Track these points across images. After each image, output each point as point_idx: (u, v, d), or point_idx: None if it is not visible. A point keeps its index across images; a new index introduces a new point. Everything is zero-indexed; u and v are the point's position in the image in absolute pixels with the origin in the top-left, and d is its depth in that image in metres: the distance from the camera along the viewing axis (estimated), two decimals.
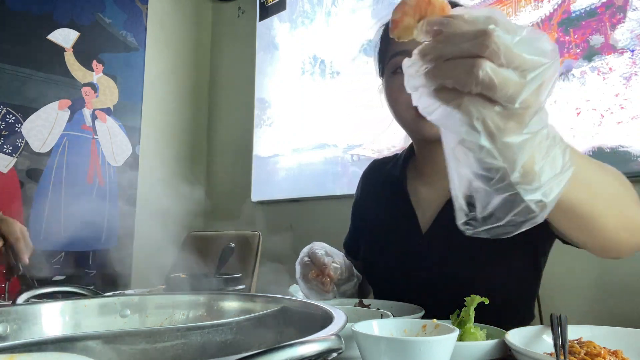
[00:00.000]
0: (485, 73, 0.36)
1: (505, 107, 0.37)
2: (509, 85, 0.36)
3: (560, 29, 1.56)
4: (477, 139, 0.38)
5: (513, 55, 0.36)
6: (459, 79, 0.37)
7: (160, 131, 2.85)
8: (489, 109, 0.37)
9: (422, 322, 0.57)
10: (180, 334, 0.50)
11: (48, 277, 2.27)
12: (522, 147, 0.38)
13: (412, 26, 0.42)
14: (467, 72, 0.36)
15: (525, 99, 0.37)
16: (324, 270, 0.87)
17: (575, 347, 0.56)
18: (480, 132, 0.37)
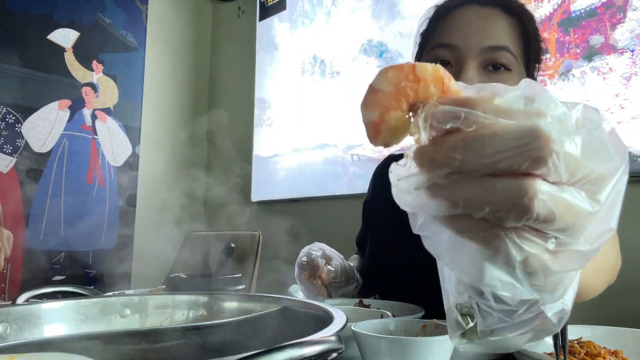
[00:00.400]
0: (543, 203, 0.22)
1: (562, 243, 0.24)
2: (573, 215, 0.23)
3: (560, 29, 1.56)
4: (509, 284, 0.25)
5: (578, 167, 0.23)
6: (495, 209, 0.23)
7: (160, 131, 2.85)
8: (536, 247, 0.23)
9: (422, 322, 0.57)
10: (180, 334, 0.50)
11: (48, 277, 2.28)
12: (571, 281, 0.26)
13: (403, 121, 0.27)
14: (509, 200, 0.22)
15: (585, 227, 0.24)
16: (316, 273, 0.87)
17: (575, 347, 0.56)
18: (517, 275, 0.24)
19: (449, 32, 0.80)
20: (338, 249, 1.10)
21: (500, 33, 0.78)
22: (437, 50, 0.80)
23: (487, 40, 0.76)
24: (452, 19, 0.81)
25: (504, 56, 0.76)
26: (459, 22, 0.80)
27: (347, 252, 1.18)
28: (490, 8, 0.80)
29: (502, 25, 0.79)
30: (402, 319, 0.61)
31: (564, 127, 0.24)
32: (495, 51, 0.76)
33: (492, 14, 0.79)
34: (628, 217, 1.42)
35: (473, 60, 0.77)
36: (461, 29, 0.78)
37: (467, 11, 0.80)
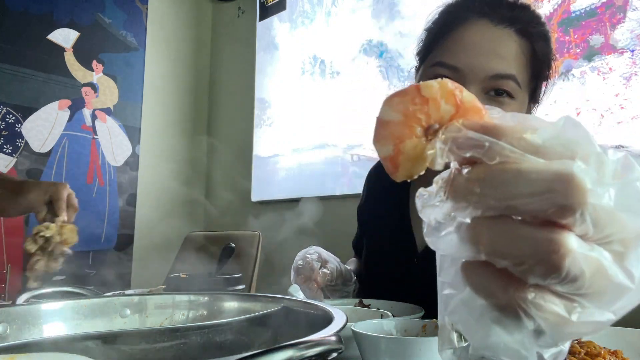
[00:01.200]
0: (574, 261, 0.20)
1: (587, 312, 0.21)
2: (606, 281, 0.20)
3: (560, 29, 1.56)
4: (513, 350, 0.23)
5: (609, 222, 0.20)
6: (520, 261, 0.20)
7: (160, 131, 2.85)
8: (553, 303, 0.21)
9: (422, 322, 0.57)
10: (180, 334, 0.50)
11: (48, 277, 2.28)
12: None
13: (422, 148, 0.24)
14: (538, 251, 0.20)
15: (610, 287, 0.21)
16: (311, 276, 0.87)
17: (575, 347, 0.56)
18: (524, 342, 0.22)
19: (454, 51, 0.74)
20: (338, 249, 1.09)
21: (508, 60, 0.72)
22: (438, 69, 0.75)
23: (494, 68, 0.71)
24: (459, 36, 0.74)
25: (508, 85, 0.72)
26: (466, 42, 0.73)
27: (346, 252, 1.18)
28: (502, 28, 0.73)
29: (512, 50, 0.72)
30: (402, 319, 0.61)
31: (600, 176, 0.21)
32: (500, 79, 0.72)
33: (503, 36, 0.73)
34: None
35: (475, 86, 0.72)
36: (467, 50, 0.73)
37: (476, 29, 0.74)
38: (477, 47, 0.72)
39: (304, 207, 1.25)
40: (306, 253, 0.92)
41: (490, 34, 0.73)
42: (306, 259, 0.89)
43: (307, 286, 0.87)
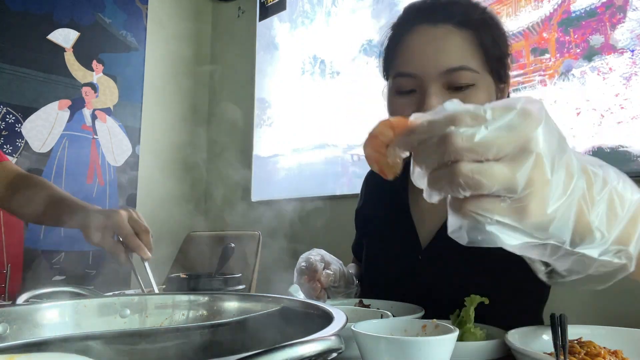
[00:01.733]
0: (465, 175, 0.33)
1: (511, 199, 0.33)
2: (498, 178, 0.32)
3: (560, 29, 1.56)
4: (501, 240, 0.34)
5: (485, 146, 0.32)
6: (444, 187, 0.35)
7: (160, 131, 2.85)
8: (495, 206, 0.33)
9: (422, 322, 0.57)
10: (180, 334, 0.50)
11: (48, 277, 2.28)
12: (557, 218, 0.34)
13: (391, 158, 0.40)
14: (448, 179, 0.34)
15: (525, 183, 0.32)
16: (315, 276, 0.87)
17: (575, 347, 0.56)
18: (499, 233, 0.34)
19: (406, 60, 0.79)
20: (338, 249, 1.10)
21: (455, 53, 0.76)
22: (399, 80, 0.80)
23: (443, 64, 0.75)
24: (406, 46, 0.80)
25: (463, 75, 0.75)
26: (413, 49, 0.78)
27: (347, 252, 1.18)
28: (442, 26, 0.77)
29: (456, 43, 0.76)
30: (402, 319, 0.61)
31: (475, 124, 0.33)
32: (453, 72, 0.75)
33: (445, 33, 0.77)
34: None
35: (434, 84, 0.76)
36: (416, 55, 0.77)
37: (419, 34, 0.79)
38: (423, 50, 0.77)
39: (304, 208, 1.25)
40: (309, 255, 0.92)
41: (432, 35, 0.77)
42: (309, 260, 0.89)
43: (310, 286, 0.87)
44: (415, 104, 0.78)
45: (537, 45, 1.61)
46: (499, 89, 0.82)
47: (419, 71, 0.77)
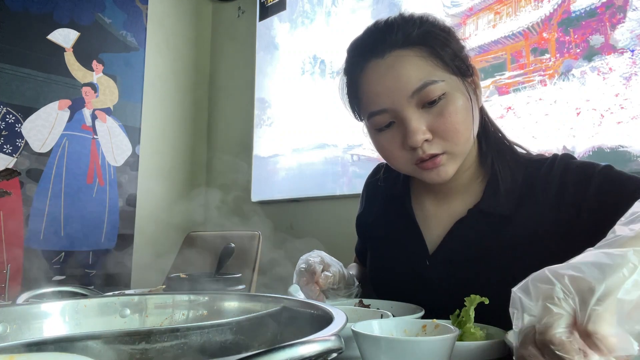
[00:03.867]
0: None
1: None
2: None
3: (560, 29, 1.56)
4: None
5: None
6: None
7: (160, 131, 2.85)
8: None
9: (422, 322, 0.57)
10: (180, 334, 0.50)
11: (48, 277, 2.28)
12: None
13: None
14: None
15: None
16: (313, 278, 0.87)
17: None
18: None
19: (371, 99, 0.79)
20: (338, 249, 1.09)
21: (413, 73, 0.76)
22: (374, 119, 0.80)
23: (408, 88, 0.75)
24: (366, 86, 0.80)
25: (431, 90, 0.75)
26: (374, 85, 0.78)
27: (346, 252, 1.18)
28: (389, 54, 0.77)
29: (410, 64, 0.76)
30: (402, 319, 0.61)
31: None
32: (420, 91, 0.75)
33: (395, 60, 0.77)
34: None
35: (408, 109, 0.76)
36: (379, 91, 0.77)
37: (372, 71, 0.79)
38: (383, 84, 0.77)
39: (304, 208, 1.25)
40: (309, 256, 0.91)
41: (385, 67, 0.77)
42: (308, 262, 0.89)
43: (309, 288, 0.86)
44: (399, 134, 0.78)
45: (537, 45, 1.61)
46: (468, 83, 0.81)
47: (388, 104, 0.77)
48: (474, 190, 0.87)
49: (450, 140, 0.77)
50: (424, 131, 0.75)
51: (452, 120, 0.75)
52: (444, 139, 0.76)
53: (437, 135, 0.76)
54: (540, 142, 1.57)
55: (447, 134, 0.76)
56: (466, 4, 1.82)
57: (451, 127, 0.76)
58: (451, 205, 0.89)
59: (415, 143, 0.75)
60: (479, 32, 1.77)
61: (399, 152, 0.79)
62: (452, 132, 0.76)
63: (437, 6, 1.90)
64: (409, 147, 0.77)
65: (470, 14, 1.81)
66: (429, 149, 0.77)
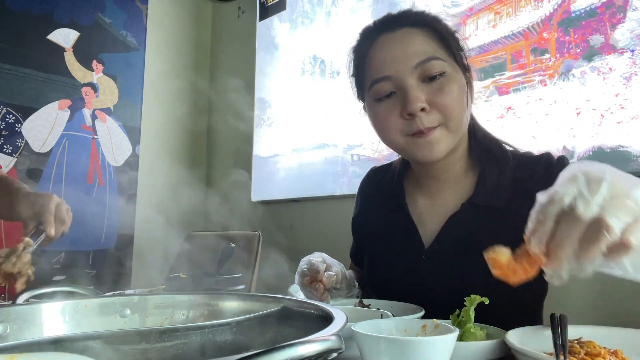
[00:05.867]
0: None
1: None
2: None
3: (560, 29, 1.56)
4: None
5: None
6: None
7: (160, 131, 2.85)
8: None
9: (422, 322, 0.57)
10: (180, 334, 0.50)
11: (48, 277, 2.28)
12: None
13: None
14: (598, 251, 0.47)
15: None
16: (317, 277, 0.88)
17: (575, 347, 0.56)
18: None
19: (378, 67, 0.85)
20: (337, 249, 1.09)
21: (420, 46, 0.82)
22: (376, 86, 0.84)
23: (413, 59, 0.81)
24: (374, 55, 0.86)
25: (433, 65, 0.81)
26: (382, 55, 0.85)
27: (346, 253, 1.18)
28: (399, 29, 0.85)
29: (418, 39, 0.83)
30: (402, 319, 0.61)
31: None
32: (424, 64, 0.81)
33: (405, 34, 0.84)
34: None
35: (410, 79, 0.81)
36: (386, 59, 0.84)
37: (382, 43, 0.86)
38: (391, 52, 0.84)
39: (304, 208, 1.25)
40: (311, 257, 0.93)
41: (395, 39, 0.85)
42: (311, 262, 0.91)
43: (313, 287, 0.88)
44: (399, 104, 0.82)
45: (537, 45, 1.61)
46: (465, 77, 0.87)
47: (392, 72, 0.82)
48: (465, 185, 0.90)
49: (445, 113, 0.81)
50: (422, 100, 0.80)
51: (450, 96, 0.81)
52: (440, 112, 0.81)
53: (434, 107, 0.81)
54: (540, 142, 1.57)
55: (444, 107, 0.80)
56: (466, 4, 1.82)
57: (448, 101, 0.80)
58: (444, 200, 0.91)
59: (414, 109, 0.79)
60: (479, 32, 1.77)
61: (396, 120, 0.83)
62: (449, 107, 0.81)
63: (437, 6, 1.90)
64: (407, 116, 0.81)
65: (470, 14, 1.80)
66: (427, 121, 0.80)
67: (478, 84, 1.75)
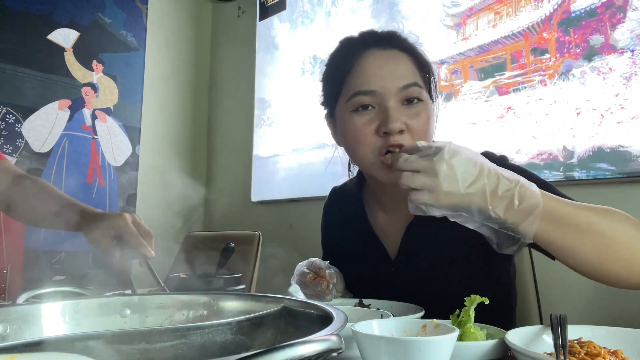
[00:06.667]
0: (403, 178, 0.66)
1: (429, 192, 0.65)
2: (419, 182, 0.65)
3: (560, 29, 1.56)
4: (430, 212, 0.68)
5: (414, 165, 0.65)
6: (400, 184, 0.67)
7: (160, 131, 2.85)
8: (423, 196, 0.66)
9: (422, 322, 0.57)
10: (180, 334, 0.50)
11: (48, 277, 2.28)
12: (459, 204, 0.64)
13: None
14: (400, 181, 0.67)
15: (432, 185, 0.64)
16: (320, 273, 0.91)
17: (575, 347, 0.56)
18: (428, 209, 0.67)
19: (365, 79, 0.87)
20: None
21: (407, 71, 0.87)
22: (358, 97, 0.87)
23: (401, 81, 0.85)
24: (363, 67, 0.88)
25: (415, 91, 0.85)
26: (371, 69, 0.87)
27: None
28: (389, 50, 0.88)
29: (406, 64, 0.87)
30: (402, 319, 0.61)
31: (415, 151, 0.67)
32: (408, 88, 0.85)
33: (395, 56, 0.88)
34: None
35: (393, 99, 0.84)
36: (376, 74, 0.86)
37: (373, 57, 0.88)
38: (382, 69, 0.86)
39: (303, 208, 1.25)
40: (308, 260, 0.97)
41: (385, 57, 0.88)
42: (311, 260, 0.95)
43: (316, 283, 0.90)
44: (376, 119, 0.85)
45: (537, 45, 1.61)
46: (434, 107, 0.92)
47: (379, 87, 0.85)
48: None
49: (417, 138, 0.85)
50: (402, 122, 0.83)
51: (424, 122, 0.86)
52: (412, 135, 0.85)
53: (409, 130, 0.85)
54: (540, 142, 1.57)
55: (417, 132, 0.85)
56: (466, 4, 1.82)
57: (422, 127, 0.85)
58: (401, 212, 0.95)
59: (393, 129, 0.83)
60: (479, 32, 1.77)
61: (372, 137, 0.85)
62: (421, 132, 0.85)
63: (437, 6, 1.90)
64: (383, 133, 0.84)
65: (470, 14, 1.80)
66: (400, 139, 0.84)
67: (478, 83, 1.75)
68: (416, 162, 0.64)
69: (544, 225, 0.63)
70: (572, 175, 1.49)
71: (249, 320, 0.55)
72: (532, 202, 0.62)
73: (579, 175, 1.48)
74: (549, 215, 0.63)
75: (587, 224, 0.64)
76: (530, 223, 0.62)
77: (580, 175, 1.47)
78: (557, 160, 1.52)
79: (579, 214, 0.65)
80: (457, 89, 1.81)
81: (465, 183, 0.62)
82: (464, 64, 1.80)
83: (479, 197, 0.62)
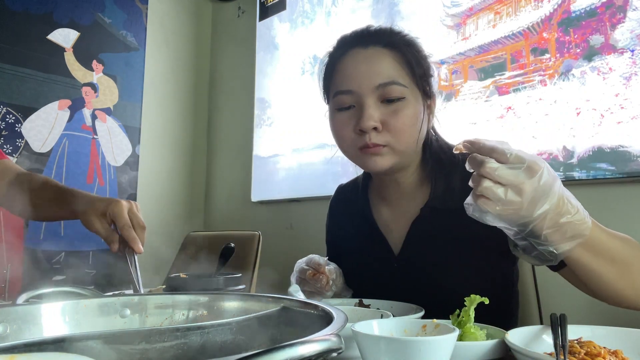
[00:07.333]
0: (483, 187, 0.59)
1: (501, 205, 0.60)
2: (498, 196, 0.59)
3: (560, 28, 1.56)
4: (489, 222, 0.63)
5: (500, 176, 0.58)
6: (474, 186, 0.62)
7: (160, 131, 2.85)
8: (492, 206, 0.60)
9: (422, 322, 0.57)
10: (180, 334, 0.50)
11: (48, 277, 2.28)
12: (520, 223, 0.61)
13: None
14: (476, 183, 0.61)
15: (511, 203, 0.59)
16: (319, 269, 0.91)
17: (575, 347, 0.56)
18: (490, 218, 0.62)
19: (343, 79, 0.88)
20: None
21: (386, 70, 0.86)
22: (339, 97, 0.89)
23: (376, 79, 0.85)
24: (342, 67, 0.89)
25: (394, 89, 0.85)
26: (349, 68, 0.88)
27: None
28: (372, 48, 0.88)
29: (386, 61, 0.86)
30: (402, 319, 0.61)
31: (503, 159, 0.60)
32: (385, 87, 0.84)
33: (376, 54, 0.87)
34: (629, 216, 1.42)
35: (369, 98, 0.85)
36: (352, 74, 0.87)
37: (353, 56, 0.88)
38: (358, 68, 0.87)
39: (303, 208, 1.25)
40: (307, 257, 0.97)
41: (364, 55, 0.87)
42: (310, 257, 0.95)
43: (316, 279, 0.90)
44: (355, 117, 0.87)
45: (537, 45, 1.61)
46: (426, 104, 0.91)
47: (355, 87, 0.86)
48: (422, 193, 0.95)
49: (395, 136, 0.85)
50: (375, 119, 0.84)
51: (403, 121, 0.85)
52: (389, 133, 0.85)
53: (386, 128, 0.85)
54: (540, 142, 1.57)
55: (394, 130, 0.85)
56: (466, 4, 1.82)
57: (400, 125, 0.85)
58: (405, 208, 0.96)
59: (366, 127, 0.84)
60: (479, 32, 1.77)
61: (350, 133, 0.88)
62: (399, 130, 0.85)
63: (437, 6, 1.90)
64: (359, 131, 0.85)
65: (470, 14, 1.80)
66: (375, 139, 0.85)
67: (478, 83, 1.75)
68: (507, 176, 0.58)
69: (580, 251, 0.63)
70: (572, 175, 1.49)
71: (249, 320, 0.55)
72: (581, 232, 0.61)
73: (579, 175, 1.48)
74: (590, 244, 0.63)
75: (616, 252, 0.66)
76: (569, 246, 0.62)
77: (580, 175, 1.47)
78: (557, 160, 1.52)
79: (610, 242, 0.66)
80: (457, 89, 1.81)
81: (541, 209, 0.59)
82: (464, 64, 1.80)
83: (540, 220, 0.60)
